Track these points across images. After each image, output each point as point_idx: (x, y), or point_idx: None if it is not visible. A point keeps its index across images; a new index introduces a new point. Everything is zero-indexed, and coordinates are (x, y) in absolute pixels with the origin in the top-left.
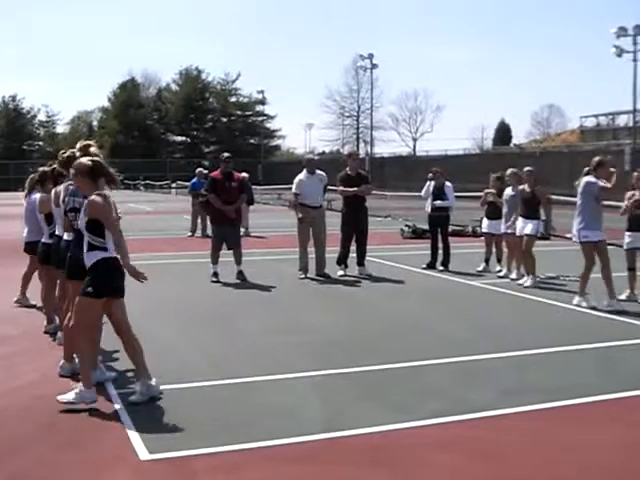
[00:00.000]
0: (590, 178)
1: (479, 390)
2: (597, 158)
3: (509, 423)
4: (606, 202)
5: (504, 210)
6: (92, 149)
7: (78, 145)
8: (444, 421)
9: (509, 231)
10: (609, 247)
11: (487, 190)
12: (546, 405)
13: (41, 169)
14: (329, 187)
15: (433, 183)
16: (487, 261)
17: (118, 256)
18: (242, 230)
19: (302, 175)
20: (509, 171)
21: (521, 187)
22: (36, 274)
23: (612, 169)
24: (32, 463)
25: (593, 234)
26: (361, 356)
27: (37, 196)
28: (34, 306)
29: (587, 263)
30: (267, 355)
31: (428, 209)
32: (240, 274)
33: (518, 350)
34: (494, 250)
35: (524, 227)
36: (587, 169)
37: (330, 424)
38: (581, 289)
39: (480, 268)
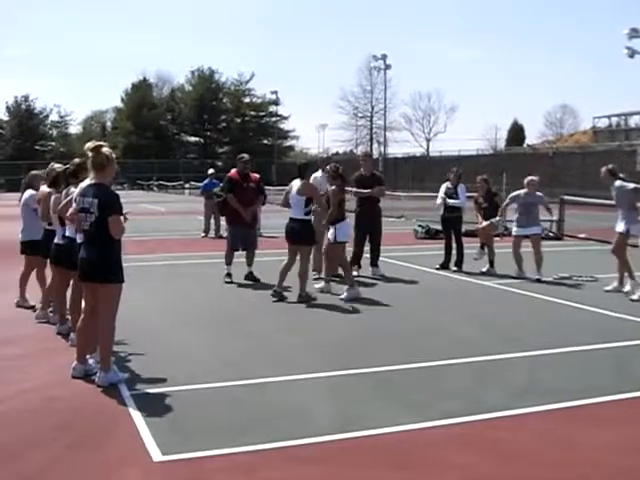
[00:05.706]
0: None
1: (494, 390)
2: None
3: (524, 423)
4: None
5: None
6: (104, 149)
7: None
8: (459, 421)
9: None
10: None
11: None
12: (560, 405)
13: (53, 167)
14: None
15: (447, 183)
16: (491, 262)
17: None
18: None
19: (317, 173)
20: (528, 178)
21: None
22: (34, 275)
23: None
24: (45, 464)
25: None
26: (375, 356)
27: (30, 193)
28: (33, 307)
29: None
30: (281, 355)
31: (441, 210)
32: (250, 275)
33: (532, 350)
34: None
35: None
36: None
37: (346, 424)
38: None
39: (484, 269)
